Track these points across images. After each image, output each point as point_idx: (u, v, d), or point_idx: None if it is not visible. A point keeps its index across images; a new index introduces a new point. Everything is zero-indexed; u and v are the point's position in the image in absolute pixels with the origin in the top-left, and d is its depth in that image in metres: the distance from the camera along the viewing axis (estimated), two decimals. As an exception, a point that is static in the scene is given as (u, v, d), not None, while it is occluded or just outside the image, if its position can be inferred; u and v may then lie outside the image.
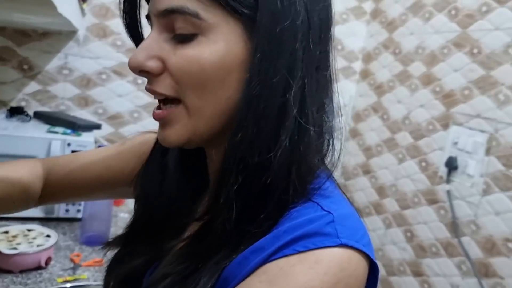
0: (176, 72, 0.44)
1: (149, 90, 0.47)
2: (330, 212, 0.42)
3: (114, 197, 0.73)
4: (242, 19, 0.43)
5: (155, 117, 0.47)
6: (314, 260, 0.39)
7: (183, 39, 0.43)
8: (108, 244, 0.61)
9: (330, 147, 0.49)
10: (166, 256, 0.51)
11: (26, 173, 0.68)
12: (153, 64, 0.44)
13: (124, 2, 0.50)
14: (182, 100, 0.45)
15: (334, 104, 0.49)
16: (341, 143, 0.53)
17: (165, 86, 0.45)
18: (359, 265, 0.41)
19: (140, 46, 0.45)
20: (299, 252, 0.40)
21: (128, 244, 0.60)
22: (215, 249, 0.44)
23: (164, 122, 0.47)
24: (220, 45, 0.43)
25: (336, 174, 0.51)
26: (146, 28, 0.51)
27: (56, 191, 0.71)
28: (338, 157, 0.50)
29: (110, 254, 0.61)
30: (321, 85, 0.46)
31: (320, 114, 0.46)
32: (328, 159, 0.49)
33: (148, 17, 0.48)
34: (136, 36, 0.52)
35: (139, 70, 0.45)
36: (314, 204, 0.44)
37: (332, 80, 0.49)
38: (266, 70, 0.42)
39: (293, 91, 0.42)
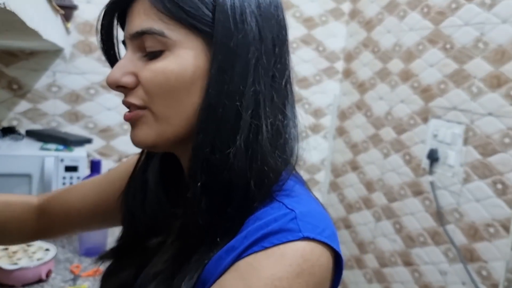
0: (146, 83, 0.50)
1: (124, 102, 0.53)
2: (293, 210, 0.47)
3: (112, 225, 0.78)
4: (202, 35, 0.49)
5: (125, 118, 0.53)
6: (279, 254, 0.44)
7: (153, 56, 0.50)
8: (100, 258, 0.65)
9: (293, 148, 0.54)
10: (153, 259, 0.55)
11: (21, 202, 0.74)
12: (128, 79, 0.51)
13: (101, 30, 0.56)
14: (149, 108, 0.51)
15: (295, 110, 0.56)
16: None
17: (136, 98, 0.51)
18: (322, 255, 0.46)
19: (116, 65, 0.52)
20: (266, 248, 0.45)
21: (118, 256, 0.64)
22: (194, 245, 0.50)
23: (132, 123, 0.53)
24: (184, 58, 0.49)
25: (327, 172, 0.57)
26: (122, 52, 0.57)
27: (51, 224, 0.75)
28: (297, 158, 0.55)
29: (104, 266, 0.65)
30: (278, 92, 0.52)
31: (278, 118, 0.51)
32: (294, 159, 0.54)
33: (123, 42, 0.54)
34: (113, 59, 0.58)
35: (115, 85, 0.51)
36: (279, 204, 0.49)
37: (291, 88, 0.55)
38: (222, 79, 0.48)
39: (245, 97, 0.48)
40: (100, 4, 0.56)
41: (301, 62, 2.02)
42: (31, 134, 1.58)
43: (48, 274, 1.12)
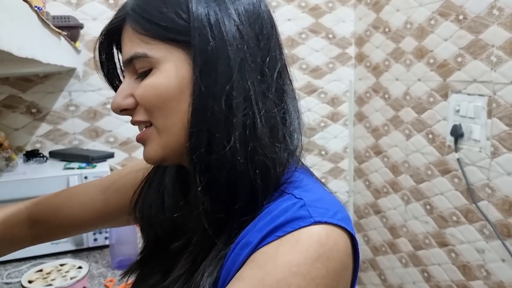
0: (140, 100, 0.53)
1: (132, 122, 0.56)
2: (301, 198, 0.48)
3: (115, 226, 0.80)
4: (181, 45, 0.51)
5: (136, 139, 0.56)
6: (294, 241, 0.44)
7: (144, 76, 0.53)
8: (127, 272, 0.66)
9: (297, 140, 0.54)
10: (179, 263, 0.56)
11: (7, 218, 0.75)
12: (128, 102, 0.54)
13: (101, 67, 0.60)
14: (152, 122, 0.53)
15: (296, 102, 0.56)
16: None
17: (140, 115, 0.54)
18: (339, 239, 0.46)
19: (117, 92, 0.56)
20: (279, 237, 0.45)
21: (144, 266, 0.65)
22: (210, 244, 0.51)
23: (143, 142, 0.56)
24: (168, 70, 0.51)
25: (350, 159, 0.58)
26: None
27: (48, 230, 0.77)
28: (302, 148, 0.55)
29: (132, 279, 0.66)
30: (270, 86, 0.52)
31: (273, 112, 0.51)
32: (299, 150, 0.54)
33: (121, 70, 0.59)
34: (115, 85, 0.62)
35: (119, 110, 0.55)
36: (288, 196, 0.49)
37: (288, 80, 0.55)
38: (206, 83, 0.49)
39: (233, 96, 0.49)
40: (106, 20, 0.57)
41: (312, 51, 1.99)
42: (54, 155, 1.61)
43: (83, 291, 1.14)
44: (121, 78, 0.61)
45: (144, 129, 0.55)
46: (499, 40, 1.30)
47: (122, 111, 0.55)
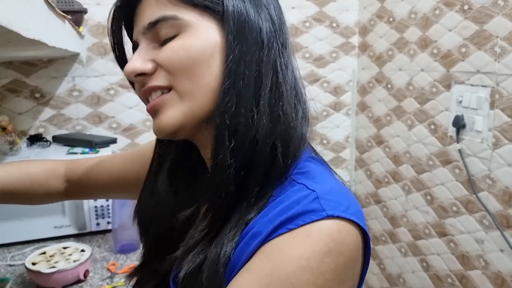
0: (167, 62, 0.51)
1: (144, 90, 0.54)
2: (314, 190, 0.47)
3: (130, 197, 0.83)
4: (212, 13, 0.52)
5: (149, 109, 0.54)
6: (305, 234, 0.44)
7: (166, 44, 0.51)
8: (130, 275, 0.67)
9: (308, 116, 0.56)
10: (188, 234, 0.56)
11: (43, 170, 0.82)
12: (146, 66, 0.52)
13: (112, 34, 0.59)
14: (173, 86, 0.52)
15: (302, 86, 0.58)
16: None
17: (159, 79, 0.52)
18: (350, 233, 0.45)
19: (133, 56, 0.53)
20: (291, 229, 0.44)
21: (147, 265, 0.65)
22: (230, 209, 0.51)
23: (157, 110, 0.53)
24: (200, 33, 0.51)
25: (352, 149, 0.60)
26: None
27: (78, 189, 0.83)
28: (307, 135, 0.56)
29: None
30: (289, 59, 0.55)
31: (295, 83, 0.54)
32: (308, 135, 0.56)
33: (134, 44, 0.56)
34: (124, 61, 0.60)
35: (135, 74, 0.52)
36: (300, 186, 0.48)
37: (295, 65, 0.57)
38: (239, 49, 0.50)
39: (263, 63, 0.51)
40: (110, 5, 0.57)
41: (316, 40, 1.99)
42: (57, 139, 1.62)
43: (86, 274, 1.15)
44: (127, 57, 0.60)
45: (160, 95, 0.53)
46: (503, 31, 1.30)
47: (138, 76, 0.53)
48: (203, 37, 0.51)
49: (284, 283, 0.42)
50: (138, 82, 0.54)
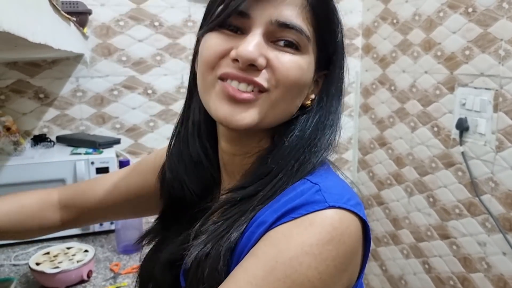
0: (281, 70, 0.52)
1: (245, 79, 0.52)
2: (317, 184, 0.51)
3: (141, 215, 0.82)
4: (314, 51, 0.56)
5: (239, 98, 0.52)
6: (308, 223, 0.47)
7: (283, 47, 0.52)
8: (141, 238, 0.69)
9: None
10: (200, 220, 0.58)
11: (36, 200, 0.79)
12: (262, 61, 0.51)
13: None
14: (271, 92, 0.53)
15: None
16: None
17: (265, 79, 0.52)
18: (351, 224, 0.48)
19: (251, 42, 0.50)
20: (294, 218, 0.47)
21: (161, 231, 0.67)
22: (239, 205, 0.54)
23: (246, 103, 0.52)
24: (309, 62, 0.55)
25: (354, 150, 0.63)
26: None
27: (76, 214, 0.80)
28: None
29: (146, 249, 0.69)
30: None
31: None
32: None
33: (243, 14, 0.52)
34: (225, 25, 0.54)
35: (249, 63, 0.51)
36: (303, 180, 0.52)
37: None
38: (327, 89, 0.59)
39: (337, 115, 0.60)
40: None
41: (319, 42, 1.99)
42: (61, 140, 1.63)
43: (89, 275, 1.16)
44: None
45: (252, 91, 0.52)
46: (508, 34, 1.30)
47: (249, 65, 0.51)
48: (310, 66, 0.55)
49: (288, 268, 0.44)
50: (236, 65, 0.52)
